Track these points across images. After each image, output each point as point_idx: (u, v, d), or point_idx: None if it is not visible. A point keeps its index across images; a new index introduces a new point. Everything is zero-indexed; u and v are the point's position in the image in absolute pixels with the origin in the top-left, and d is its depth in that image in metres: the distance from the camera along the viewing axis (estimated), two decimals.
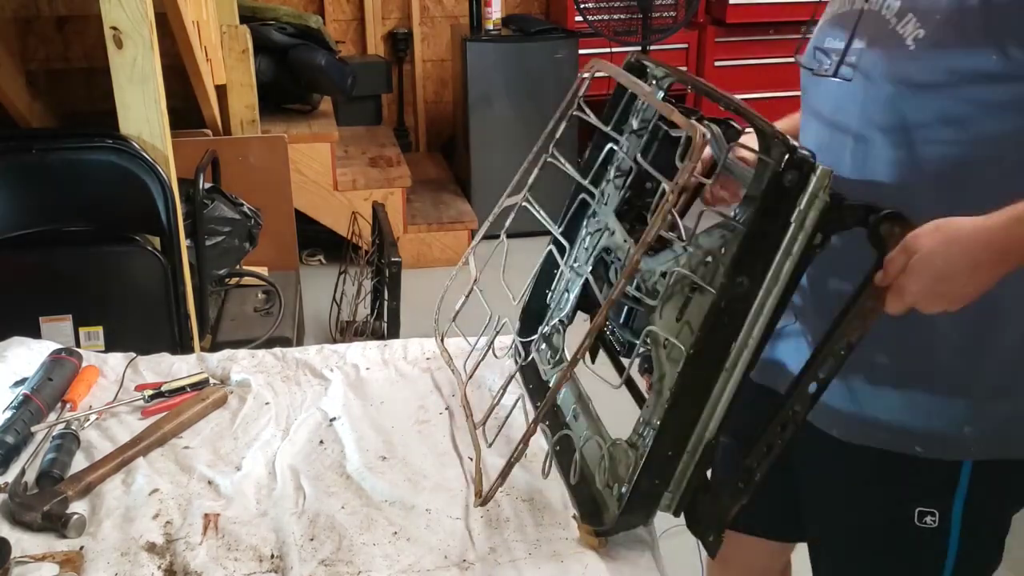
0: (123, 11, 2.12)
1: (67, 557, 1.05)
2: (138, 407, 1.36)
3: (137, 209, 2.16)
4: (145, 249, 2.16)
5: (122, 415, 1.35)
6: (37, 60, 3.85)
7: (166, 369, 1.48)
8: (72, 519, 1.09)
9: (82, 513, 1.11)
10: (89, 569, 1.04)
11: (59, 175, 2.14)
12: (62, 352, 1.44)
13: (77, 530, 1.09)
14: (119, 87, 2.19)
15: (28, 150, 2.14)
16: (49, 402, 1.32)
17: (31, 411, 1.29)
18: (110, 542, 1.08)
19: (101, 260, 2.17)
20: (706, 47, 4.89)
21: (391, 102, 5.15)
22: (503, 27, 4.58)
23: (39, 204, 2.16)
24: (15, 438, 1.23)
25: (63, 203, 2.17)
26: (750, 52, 4.93)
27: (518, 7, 5.23)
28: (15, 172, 2.15)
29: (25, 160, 2.13)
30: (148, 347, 1.56)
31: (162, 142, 2.24)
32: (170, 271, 2.17)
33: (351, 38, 5.07)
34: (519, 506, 1.13)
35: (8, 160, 2.14)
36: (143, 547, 1.07)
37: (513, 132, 4.51)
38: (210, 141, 3.31)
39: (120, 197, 2.20)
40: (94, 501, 1.15)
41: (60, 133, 2.46)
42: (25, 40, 3.82)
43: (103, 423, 1.33)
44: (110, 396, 1.40)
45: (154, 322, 2.17)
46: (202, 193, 2.65)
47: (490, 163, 4.54)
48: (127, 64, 2.17)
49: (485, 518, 1.11)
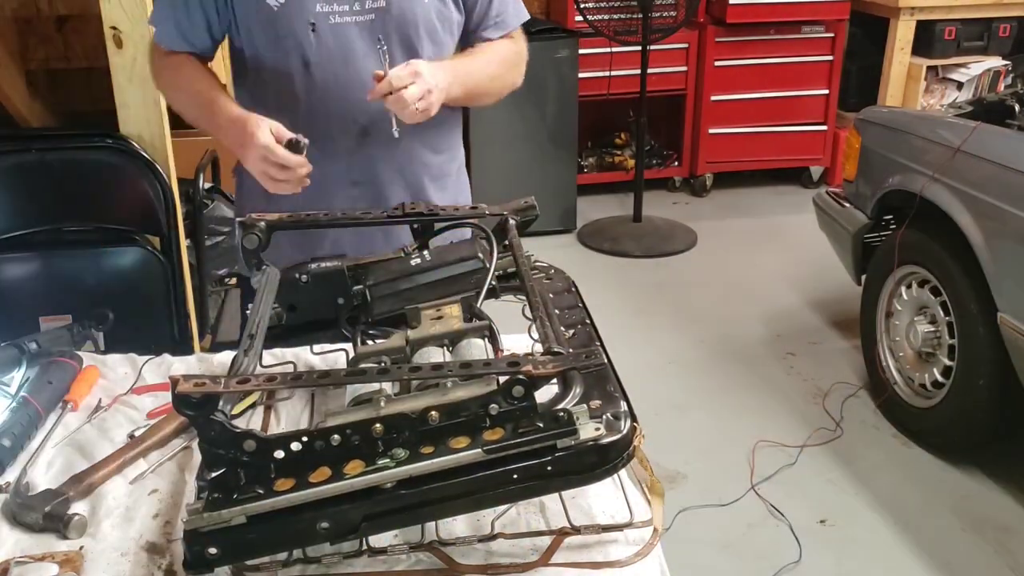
0: (123, 11, 2.13)
1: (67, 557, 1.05)
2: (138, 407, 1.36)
3: (137, 209, 2.17)
4: (145, 249, 2.16)
5: (122, 415, 1.35)
6: (37, 60, 3.85)
7: (166, 370, 1.48)
8: (73, 520, 1.09)
9: (83, 514, 1.11)
10: (89, 569, 1.04)
11: (59, 175, 2.14)
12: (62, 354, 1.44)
13: (78, 531, 1.09)
14: (119, 87, 2.19)
15: (28, 150, 2.14)
16: (48, 404, 1.32)
17: (29, 414, 1.29)
18: (110, 542, 1.08)
19: (101, 260, 2.17)
20: (706, 47, 4.89)
21: None
22: None
23: (39, 204, 2.16)
24: (12, 440, 1.23)
25: (63, 203, 2.17)
26: (750, 52, 4.93)
27: None
28: (15, 172, 2.15)
29: (25, 160, 2.14)
30: (148, 347, 1.56)
31: (162, 142, 2.24)
32: (170, 271, 2.17)
33: None
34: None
35: (8, 160, 2.14)
36: (143, 547, 1.07)
37: (513, 132, 4.51)
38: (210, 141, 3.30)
39: (120, 197, 2.20)
40: (94, 501, 1.16)
41: (60, 133, 2.46)
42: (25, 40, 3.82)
43: (104, 424, 1.33)
44: (110, 397, 1.40)
45: (154, 322, 2.17)
46: (202, 193, 2.65)
47: (490, 163, 4.54)
48: (127, 64, 2.17)
49: None
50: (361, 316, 1.30)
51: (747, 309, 3.85)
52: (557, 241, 4.56)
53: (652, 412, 3.04)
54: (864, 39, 5.19)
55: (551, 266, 1.39)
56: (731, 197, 5.20)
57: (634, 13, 4.46)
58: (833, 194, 3.37)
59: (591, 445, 0.93)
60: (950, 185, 2.62)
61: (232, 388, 0.92)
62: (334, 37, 1.58)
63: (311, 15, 1.56)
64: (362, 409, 1.00)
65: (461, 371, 0.97)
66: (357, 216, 1.43)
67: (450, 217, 1.41)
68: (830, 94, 5.07)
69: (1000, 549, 2.44)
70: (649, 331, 3.68)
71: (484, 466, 0.93)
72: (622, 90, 4.76)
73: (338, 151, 1.65)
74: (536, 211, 1.40)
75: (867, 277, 3.14)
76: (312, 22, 1.56)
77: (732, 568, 2.41)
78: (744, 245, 4.54)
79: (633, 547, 1.05)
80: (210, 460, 0.93)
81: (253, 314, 1.16)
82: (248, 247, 1.28)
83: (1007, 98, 2.93)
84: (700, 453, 2.87)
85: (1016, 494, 2.64)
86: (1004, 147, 2.51)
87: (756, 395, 3.21)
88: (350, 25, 1.58)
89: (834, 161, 5.12)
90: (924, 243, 2.78)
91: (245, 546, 0.93)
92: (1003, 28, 4.89)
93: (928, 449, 2.85)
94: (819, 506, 2.62)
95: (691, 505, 2.58)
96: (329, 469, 0.93)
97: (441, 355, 1.15)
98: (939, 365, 2.78)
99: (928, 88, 4.99)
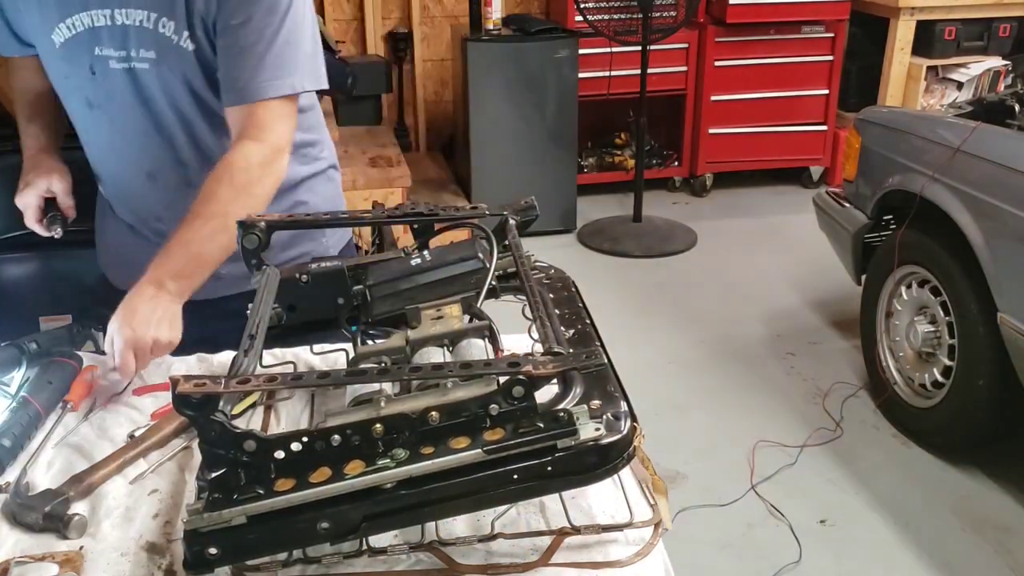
0: None
1: (67, 557, 1.05)
2: (138, 407, 1.36)
3: None
4: None
5: (122, 415, 1.35)
6: None
7: (166, 370, 1.48)
8: (73, 520, 1.09)
9: (83, 514, 1.11)
10: (89, 569, 1.04)
11: None
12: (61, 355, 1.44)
13: (78, 531, 1.09)
14: None
15: None
16: (48, 404, 1.32)
17: (29, 414, 1.29)
18: (110, 542, 1.08)
19: None
20: (706, 47, 4.89)
21: (391, 102, 5.15)
22: (503, 27, 4.58)
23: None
24: (12, 440, 1.23)
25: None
26: (750, 52, 4.93)
27: (518, 7, 5.23)
28: (15, 172, 2.14)
29: None
30: None
31: None
32: None
33: (351, 38, 5.08)
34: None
35: (8, 160, 2.14)
36: (143, 547, 1.07)
37: (513, 132, 4.52)
38: None
39: None
40: (94, 501, 1.15)
41: None
42: None
43: (104, 423, 1.33)
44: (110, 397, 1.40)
45: None
46: None
47: (490, 163, 4.54)
48: None
49: None
50: (361, 316, 1.30)
51: (747, 309, 3.85)
52: (557, 241, 4.57)
53: (652, 412, 3.04)
54: (864, 39, 5.19)
55: (551, 266, 1.39)
56: (731, 197, 5.20)
57: (634, 13, 4.46)
58: (833, 194, 3.37)
59: (591, 445, 0.93)
60: (950, 185, 2.62)
61: (232, 388, 0.92)
62: (112, 82, 1.53)
63: (90, 58, 1.52)
64: (362, 409, 1.00)
65: (461, 371, 0.97)
66: (357, 216, 1.43)
67: (450, 217, 1.41)
68: (830, 94, 5.07)
69: (1000, 549, 2.44)
70: (649, 331, 3.68)
71: (484, 466, 0.92)
72: (622, 90, 4.76)
73: (131, 192, 1.65)
74: (536, 211, 1.40)
75: (867, 277, 3.14)
76: (91, 65, 1.53)
77: (732, 568, 2.41)
78: (744, 245, 4.54)
79: (633, 547, 1.05)
80: (210, 460, 0.93)
81: (253, 314, 1.16)
82: (248, 247, 1.28)
83: (1007, 98, 2.93)
84: (700, 453, 2.87)
85: (1016, 494, 2.64)
86: (1004, 147, 2.51)
87: (756, 395, 3.21)
88: (126, 71, 1.52)
89: (834, 161, 5.13)
90: (924, 243, 2.78)
91: (245, 546, 0.93)
92: (1003, 28, 4.90)
93: (928, 449, 2.85)
94: (819, 506, 2.62)
95: (691, 505, 2.58)
96: (329, 469, 0.93)
97: (441, 355, 1.15)
98: (939, 365, 2.78)
99: (928, 88, 4.99)
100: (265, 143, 1.48)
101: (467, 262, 1.29)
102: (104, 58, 1.51)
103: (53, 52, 1.54)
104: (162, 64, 1.50)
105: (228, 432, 0.92)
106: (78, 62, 1.53)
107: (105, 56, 1.51)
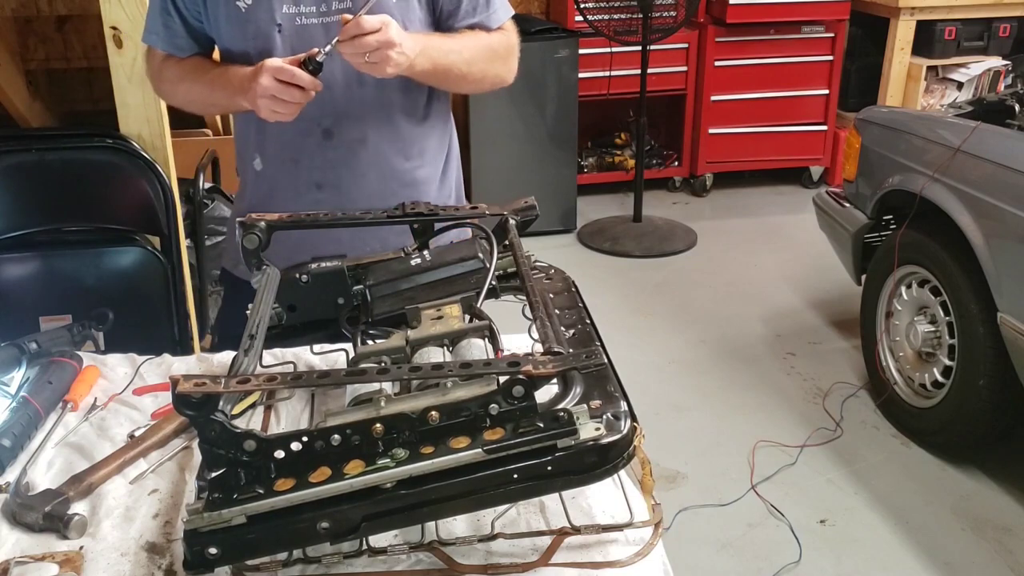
0: (123, 11, 2.13)
1: (67, 557, 1.05)
2: (138, 407, 1.36)
3: (137, 209, 2.16)
4: (145, 249, 2.16)
5: (122, 415, 1.35)
6: (37, 60, 3.85)
7: (166, 370, 1.48)
8: (73, 520, 1.09)
9: (83, 514, 1.11)
10: (89, 569, 1.04)
11: (59, 175, 2.14)
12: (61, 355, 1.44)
13: (78, 531, 1.09)
14: (119, 87, 2.19)
15: (28, 150, 2.14)
16: (48, 404, 1.32)
17: (29, 414, 1.29)
18: (110, 542, 1.08)
19: (101, 260, 2.17)
20: (706, 47, 4.89)
21: None
22: None
23: (39, 204, 2.16)
24: (12, 440, 1.23)
25: (63, 203, 2.17)
26: (750, 52, 4.93)
27: (518, 7, 5.22)
28: (15, 172, 2.15)
29: (25, 160, 2.14)
30: (148, 347, 1.56)
31: (162, 142, 2.24)
32: (170, 271, 2.17)
33: None
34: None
35: (8, 160, 2.14)
36: (143, 547, 1.07)
37: (513, 132, 4.52)
38: (210, 141, 3.31)
39: (120, 197, 2.20)
40: (94, 501, 1.15)
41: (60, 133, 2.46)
42: (25, 40, 3.82)
43: (104, 423, 1.33)
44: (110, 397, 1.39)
45: (154, 322, 2.17)
46: (202, 193, 2.65)
47: (490, 163, 4.54)
48: (127, 64, 2.17)
49: None
50: (361, 316, 1.30)
51: (747, 309, 3.85)
52: (557, 241, 4.57)
53: (652, 412, 3.04)
54: (864, 39, 5.19)
55: (551, 266, 1.39)
56: (731, 197, 5.20)
57: (634, 13, 4.46)
58: (833, 194, 3.37)
59: (591, 445, 0.93)
60: (950, 185, 2.62)
61: (232, 388, 0.92)
62: (299, 38, 1.56)
63: (278, 16, 1.56)
64: (362, 409, 1.00)
65: (461, 371, 0.97)
66: (357, 216, 1.43)
67: (450, 217, 1.41)
68: (830, 94, 5.07)
69: (1000, 549, 2.44)
70: (649, 331, 3.68)
71: (484, 466, 0.92)
72: (622, 90, 4.76)
73: (302, 153, 1.65)
74: (536, 211, 1.40)
75: (867, 277, 3.14)
76: (279, 23, 1.56)
77: (732, 568, 2.41)
78: (744, 245, 4.54)
79: (633, 547, 1.05)
80: (210, 460, 0.93)
81: (253, 314, 1.16)
82: (248, 247, 1.28)
83: (1007, 98, 2.93)
84: (700, 453, 2.87)
85: (1016, 494, 2.64)
86: (1004, 147, 2.51)
87: (756, 395, 3.21)
88: (316, 27, 1.57)
89: (834, 161, 5.13)
90: (924, 243, 2.78)
91: (245, 546, 0.93)
92: (1003, 28, 4.90)
93: (928, 449, 2.85)
94: (819, 506, 2.62)
95: (691, 505, 2.58)
96: (329, 469, 0.93)
97: (441, 355, 1.15)
98: (939, 365, 2.78)
99: (928, 88, 4.99)
100: (514, 44, 1.73)
101: (467, 262, 1.29)
102: (292, 15, 1.56)
103: (237, 16, 1.57)
104: (354, 14, 1.53)
105: (228, 432, 0.92)
106: (265, 20, 1.56)
107: (293, 13, 1.56)
